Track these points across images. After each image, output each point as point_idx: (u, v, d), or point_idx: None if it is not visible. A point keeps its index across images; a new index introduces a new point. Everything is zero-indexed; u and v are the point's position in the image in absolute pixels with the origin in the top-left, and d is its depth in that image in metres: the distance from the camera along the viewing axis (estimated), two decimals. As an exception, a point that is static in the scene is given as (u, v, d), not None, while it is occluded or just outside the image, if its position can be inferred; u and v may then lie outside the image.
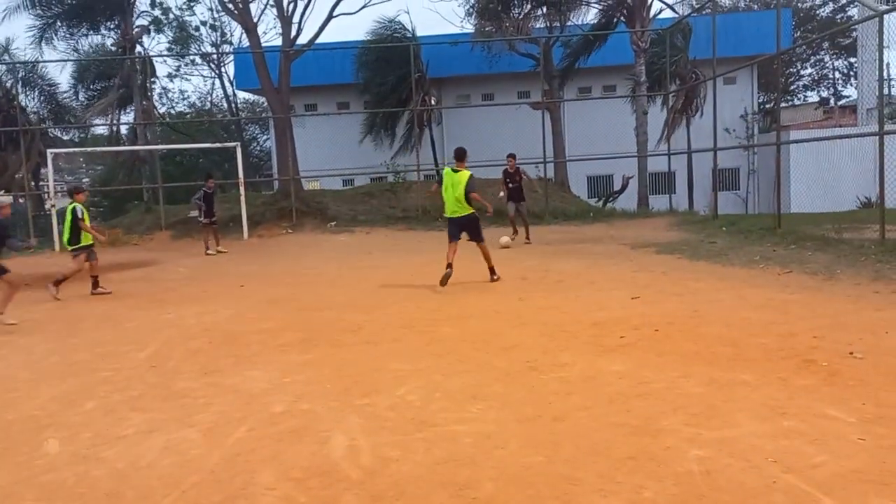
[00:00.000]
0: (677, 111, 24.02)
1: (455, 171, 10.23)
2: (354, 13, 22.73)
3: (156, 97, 31.33)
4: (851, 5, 39.14)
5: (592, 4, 24.53)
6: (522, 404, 4.71)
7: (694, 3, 23.66)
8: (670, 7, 25.04)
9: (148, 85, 25.71)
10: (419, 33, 27.20)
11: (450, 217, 10.43)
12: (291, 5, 22.14)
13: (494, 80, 30.07)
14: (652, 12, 23.78)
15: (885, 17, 11.09)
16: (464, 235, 10.35)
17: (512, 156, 15.59)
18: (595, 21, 25.26)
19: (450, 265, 9.80)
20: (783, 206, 14.63)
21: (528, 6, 24.73)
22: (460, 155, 10.34)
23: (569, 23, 25.25)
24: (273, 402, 4.95)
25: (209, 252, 16.42)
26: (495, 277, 10.19)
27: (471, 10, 25.43)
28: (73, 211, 11.01)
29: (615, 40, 24.82)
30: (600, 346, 6.18)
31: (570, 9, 24.50)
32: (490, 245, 10.69)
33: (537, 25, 25.88)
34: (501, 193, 15.36)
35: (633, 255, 12.54)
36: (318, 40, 22.79)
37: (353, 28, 45.09)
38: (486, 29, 24.86)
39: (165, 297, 10.29)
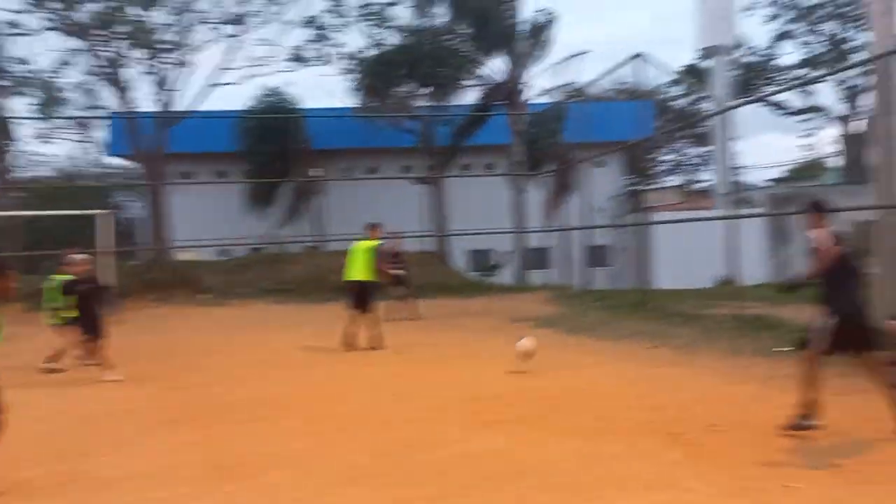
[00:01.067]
0: (557, 191, 25.23)
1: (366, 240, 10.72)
2: (236, 84, 22.62)
3: (17, 160, 29.47)
4: (704, 99, 42.97)
5: (472, 86, 25.59)
6: (399, 486, 4.61)
7: (566, 90, 25.17)
8: (545, 94, 26.53)
9: (5, 148, 24.21)
10: (304, 105, 27.36)
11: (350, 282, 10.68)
12: (169, 73, 21.77)
13: (378, 153, 30.50)
14: (527, 97, 25.12)
15: (731, 112, 12.24)
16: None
17: (391, 232, 14.25)
18: (475, 102, 26.32)
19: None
20: (650, 283, 15.49)
21: (411, 85, 25.46)
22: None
23: (450, 102, 26.16)
24: (130, 490, 4.60)
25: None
26: (374, 348, 10.17)
27: (355, 85, 25.89)
28: None
29: (496, 121, 25.90)
30: (479, 422, 6.19)
31: (451, 90, 25.43)
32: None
33: (420, 103, 26.65)
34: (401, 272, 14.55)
35: (513, 329, 12.76)
36: (198, 107, 22.42)
37: (234, 96, 44.57)
38: (370, 104, 25.33)
39: (8, 375, 9.43)
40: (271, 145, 25.34)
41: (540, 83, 30.52)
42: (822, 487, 4.31)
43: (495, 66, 24.33)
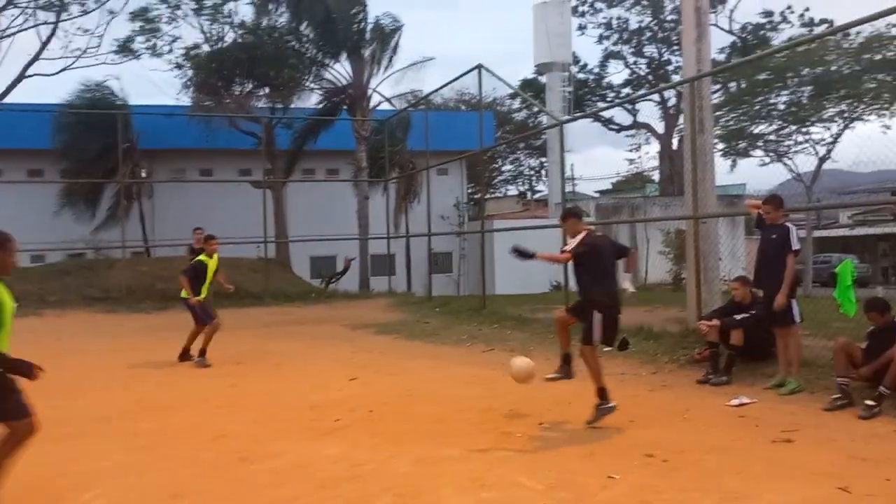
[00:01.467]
0: (401, 197, 25.42)
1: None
2: (52, 75, 20.84)
3: None
4: (541, 113, 45.12)
5: (315, 90, 25.27)
6: (229, 500, 4.42)
7: (410, 98, 25.48)
8: (388, 101, 26.70)
9: None
10: (131, 101, 25.68)
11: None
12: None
13: (213, 155, 29.24)
14: (373, 103, 25.16)
15: (566, 126, 12.93)
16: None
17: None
18: (319, 105, 25.99)
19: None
20: (488, 289, 16.01)
21: (251, 85, 24.70)
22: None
23: (292, 105, 25.65)
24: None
25: None
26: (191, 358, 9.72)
27: (188, 82, 24.72)
28: None
29: (339, 126, 25.72)
30: (315, 430, 6.08)
31: (293, 92, 24.95)
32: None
33: (260, 104, 25.92)
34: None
35: (353, 335, 12.73)
36: (9, 100, 20.42)
37: (50, 89, 41.34)
38: (205, 103, 24.28)
39: None
40: (93, 143, 23.52)
41: (385, 90, 30.71)
42: (637, 476, 4.63)
43: (339, 71, 24.17)
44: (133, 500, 4.41)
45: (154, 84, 60.48)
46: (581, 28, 40.74)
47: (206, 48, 24.88)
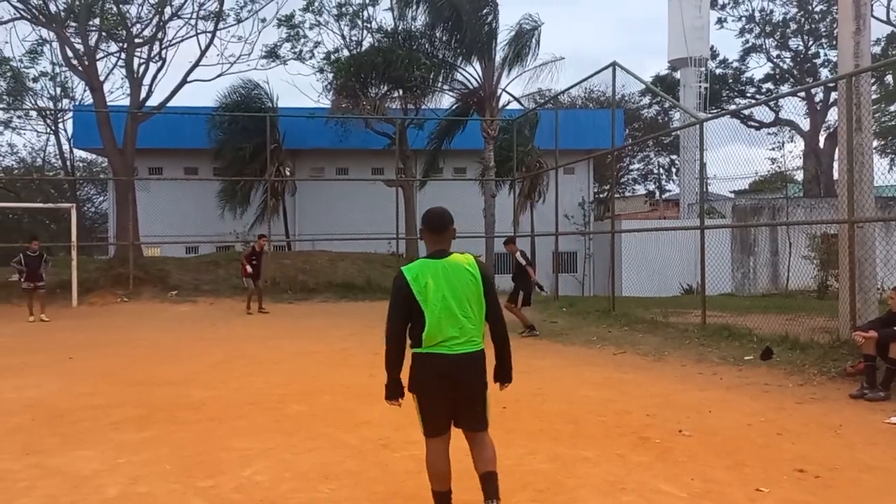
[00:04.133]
0: (524, 196, 25.42)
1: None
2: (210, 80, 22.43)
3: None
4: (673, 109, 43.66)
5: (447, 92, 25.71)
6: (375, 483, 4.67)
7: (538, 98, 25.41)
8: (517, 100, 26.75)
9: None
10: (277, 103, 27.24)
11: None
12: (143, 67, 21.52)
13: (349, 154, 30.45)
14: (501, 103, 25.30)
15: (704, 123, 12.51)
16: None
17: (263, 236, 17.67)
18: (455, 107, 26.46)
19: None
20: (616, 290, 15.73)
21: (385, 87, 25.50)
22: None
23: (423, 106, 26.25)
24: (106, 485, 4.57)
25: (31, 319, 15.09)
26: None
27: (329, 86, 25.85)
28: None
29: (467, 125, 26.08)
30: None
31: (425, 94, 25.53)
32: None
33: (393, 106, 26.71)
34: (250, 269, 16.39)
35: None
36: (170, 102, 22.18)
37: (206, 92, 44.18)
38: (343, 105, 25.31)
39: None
40: (243, 143, 25.19)
41: (515, 89, 30.76)
42: (787, 491, 4.47)
43: (470, 72, 24.46)
44: (288, 479, 4.73)
45: (296, 87, 63.41)
46: (720, 21, 39.11)
47: (345, 53, 25.92)
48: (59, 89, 33.70)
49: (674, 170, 46.98)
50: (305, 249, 25.74)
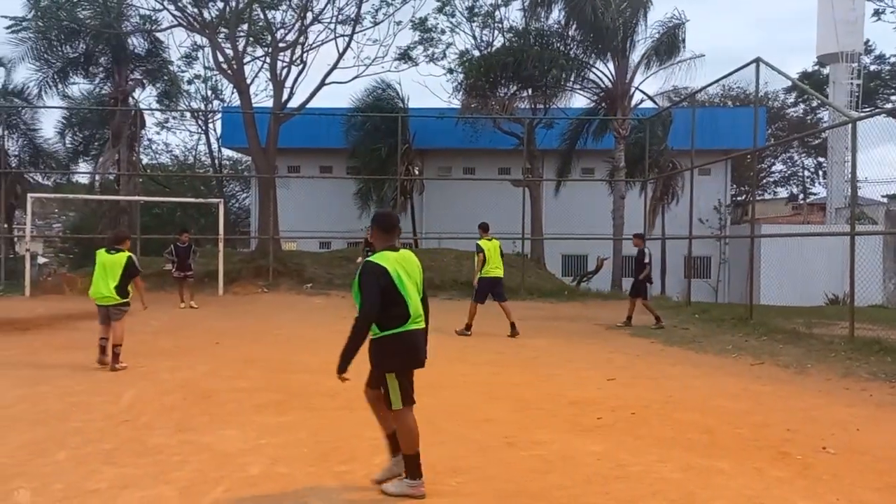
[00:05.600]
0: (657, 198, 24.69)
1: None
2: (346, 82, 23.34)
3: (141, 148, 31.38)
4: (822, 108, 40.95)
5: (578, 91, 25.39)
6: (500, 480, 4.71)
7: (673, 96, 24.58)
8: (651, 98, 26.01)
9: (138, 136, 25.88)
10: (408, 104, 27.93)
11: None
12: (285, 70, 22.68)
13: (476, 154, 30.72)
14: (633, 101, 24.70)
15: (857, 123, 11.67)
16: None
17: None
18: (589, 106, 26.12)
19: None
20: (753, 298, 14.96)
21: (514, 87, 25.52)
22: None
23: (553, 106, 26.06)
24: (249, 464, 4.89)
25: (182, 306, 16.28)
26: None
27: (458, 86, 26.19)
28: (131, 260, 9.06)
29: (596, 125, 25.65)
30: (577, 425, 6.21)
31: (555, 93, 25.33)
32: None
33: (522, 106, 26.69)
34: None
35: (608, 335, 12.67)
36: (309, 104, 23.24)
37: (341, 93, 45.91)
38: (472, 105, 25.56)
39: (138, 350, 10.12)
40: (375, 142, 26.03)
41: (647, 87, 29.89)
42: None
43: (603, 70, 24.04)
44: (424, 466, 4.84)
45: (427, 88, 64.65)
46: (877, 13, 36.26)
47: (476, 53, 26.17)
48: (210, 92, 36.18)
49: (821, 173, 44.07)
50: (431, 247, 26.24)
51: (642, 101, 25.69)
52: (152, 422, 6.09)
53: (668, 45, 23.09)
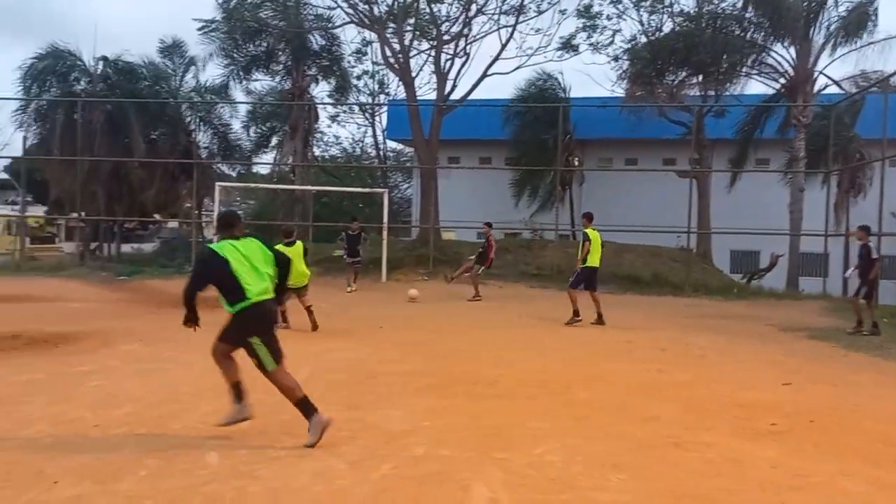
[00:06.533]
0: (843, 192, 22.78)
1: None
2: (508, 73, 23.40)
3: (314, 140, 33.30)
4: None
5: (755, 77, 23.83)
6: (665, 480, 4.55)
7: (860, 80, 22.45)
8: (836, 83, 23.92)
9: (312, 129, 27.51)
10: (570, 93, 27.57)
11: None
12: (448, 63, 23.11)
13: (639, 144, 29.78)
14: (816, 87, 22.85)
15: None
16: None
17: (488, 224, 17.37)
18: (758, 93, 24.58)
19: None
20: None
21: (683, 74, 24.44)
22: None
23: (726, 93, 24.65)
24: (413, 444, 5.06)
25: (349, 290, 17.16)
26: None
27: (623, 74, 25.46)
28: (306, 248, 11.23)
29: (773, 113, 24.03)
30: (748, 429, 5.87)
31: (728, 79, 23.95)
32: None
33: (691, 93, 25.51)
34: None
35: (781, 337, 11.88)
36: (471, 96, 23.58)
37: (502, 85, 46.17)
38: (637, 94, 24.78)
39: (309, 332, 10.80)
40: (536, 133, 25.93)
41: (834, 71, 27.54)
42: None
43: (783, 54, 22.41)
44: (579, 462, 4.81)
45: (589, 76, 63.44)
46: None
47: (642, 39, 25.33)
48: (377, 86, 37.61)
49: None
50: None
51: (826, 86, 23.70)
52: (322, 398, 6.42)
53: (858, 25, 21.12)
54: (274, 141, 30.81)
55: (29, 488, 4.07)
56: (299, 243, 11.14)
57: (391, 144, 41.74)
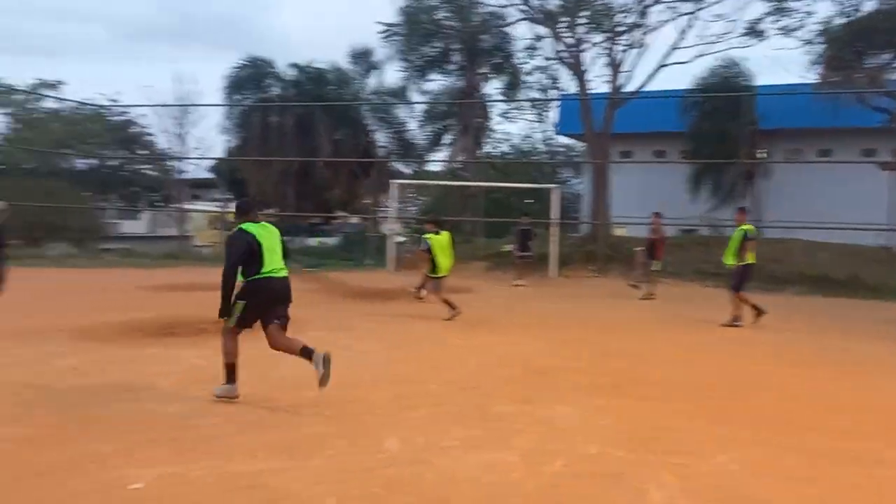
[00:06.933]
0: None
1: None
2: (686, 63, 22.39)
3: (485, 137, 33.77)
4: None
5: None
6: (858, 498, 4.19)
7: None
8: None
9: (484, 127, 27.98)
10: (754, 82, 25.89)
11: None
12: (623, 54, 22.52)
13: (834, 134, 27.35)
14: None
15: None
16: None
17: (657, 214, 16.54)
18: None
19: None
20: None
21: (887, 56, 22.13)
22: None
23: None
24: (585, 442, 5.00)
25: (517, 284, 17.29)
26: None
27: (817, 58, 23.47)
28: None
29: None
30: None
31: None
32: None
33: (894, 77, 23.05)
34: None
35: None
36: (646, 88, 22.83)
37: (678, 75, 44.25)
38: (833, 79, 22.75)
39: (480, 324, 11.00)
40: (715, 125, 24.61)
41: None
42: None
43: None
44: (765, 474, 4.52)
45: (777, 63, 59.01)
46: None
47: (839, 20, 23.18)
48: (548, 81, 37.41)
49: None
50: (776, 237, 24.08)
51: None
52: (493, 391, 6.57)
53: None
54: (447, 139, 31.64)
55: (231, 457, 4.49)
56: (446, 233, 11.66)
57: (561, 139, 41.38)
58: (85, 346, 8.09)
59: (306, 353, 5.73)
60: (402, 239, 24.00)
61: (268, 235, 5.91)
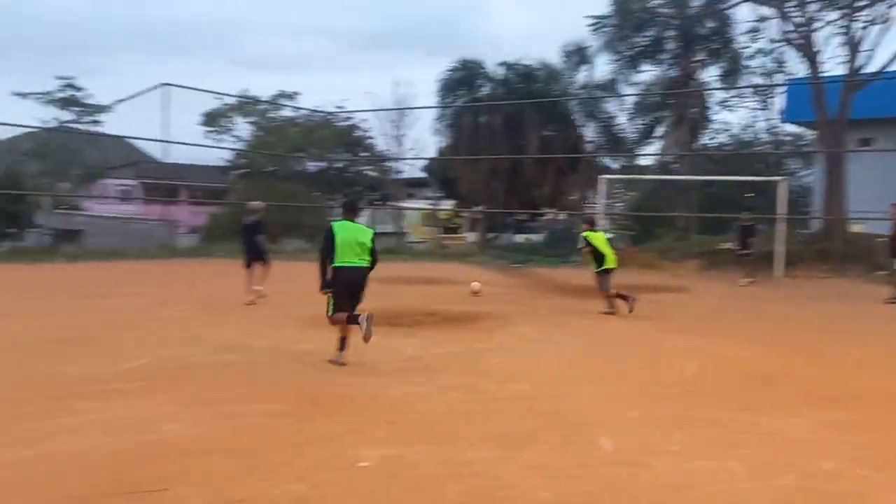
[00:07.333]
0: None
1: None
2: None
3: (702, 128, 32.04)
4: None
5: None
6: None
7: None
8: None
9: (700, 117, 26.61)
10: None
11: None
12: (862, 32, 20.23)
13: None
14: None
15: None
16: None
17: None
18: None
19: None
20: None
21: None
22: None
23: None
24: (820, 457, 4.58)
25: (748, 282, 16.38)
26: None
27: None
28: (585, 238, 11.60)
29: None
30: None
31: None
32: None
33: None
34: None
35: None
36: (890, 68, 20.30)
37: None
38: None
39: (695, 326, 10.49)
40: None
41: None
42: None
43: None
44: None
45: None
46: None
47: None
48: (773, 65, 34.55)
49: None
50: None
51: None
52: (711, 396, 6.23)
53: None
54: (658, 132, 30.47)
55: (445, 444, 4.68)
56: (601, 232, 12.01)
57: (788, 128, 38.06)
58: (314, 333, 8.85)
59: (352, 319, 6.92)
60: (610, 236, 23.49)
61: (348, 232, 7.08)
